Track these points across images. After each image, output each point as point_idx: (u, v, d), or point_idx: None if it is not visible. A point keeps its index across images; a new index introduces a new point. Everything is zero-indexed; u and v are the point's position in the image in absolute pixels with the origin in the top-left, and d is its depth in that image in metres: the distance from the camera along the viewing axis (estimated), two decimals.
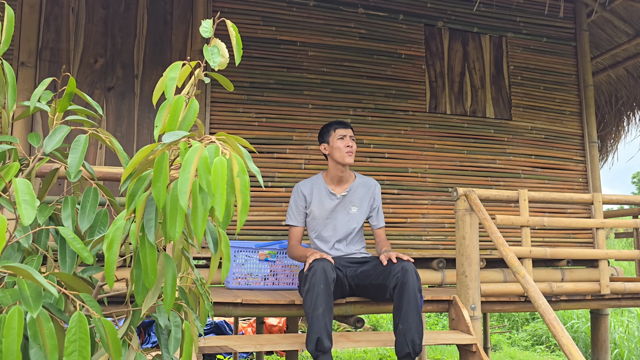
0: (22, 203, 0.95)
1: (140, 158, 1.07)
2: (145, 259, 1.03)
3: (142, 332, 5.22)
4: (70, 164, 1.16)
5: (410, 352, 2.22)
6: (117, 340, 0.98)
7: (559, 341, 2.12)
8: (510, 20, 4.43)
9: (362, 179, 2.91)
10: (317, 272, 2.27)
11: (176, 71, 1.20)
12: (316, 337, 2.16)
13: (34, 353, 0.90)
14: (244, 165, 1.01)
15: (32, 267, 1.11)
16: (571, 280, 3.84)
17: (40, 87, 1.32)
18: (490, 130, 4.22)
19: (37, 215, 1.20)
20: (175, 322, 1.20)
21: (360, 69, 3.98)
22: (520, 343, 6.94)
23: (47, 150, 1.19)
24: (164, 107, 1.16)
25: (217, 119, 3.60)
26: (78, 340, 0.90)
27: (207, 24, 1.21)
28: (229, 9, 3.75)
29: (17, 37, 3.39)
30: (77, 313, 0.91)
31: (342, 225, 2.79)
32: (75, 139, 1.21)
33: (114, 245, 1.03)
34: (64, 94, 1.33)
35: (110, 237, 1.03)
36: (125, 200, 1.07)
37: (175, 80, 1.18)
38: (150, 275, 1.02)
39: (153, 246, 1.03)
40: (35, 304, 0.88)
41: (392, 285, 2.37)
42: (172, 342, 1.18)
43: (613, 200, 3.24)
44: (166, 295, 1.07)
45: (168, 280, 1.07)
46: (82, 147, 1.18)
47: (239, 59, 1.24)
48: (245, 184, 1.00)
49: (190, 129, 1.11)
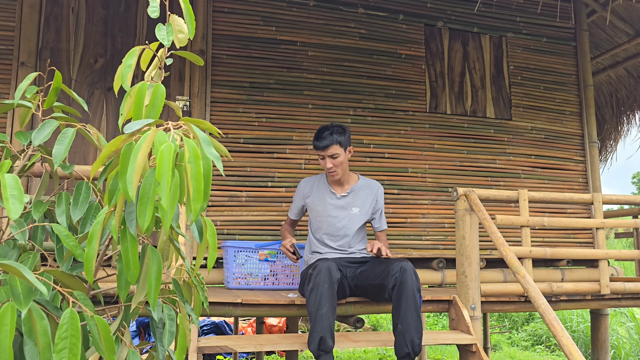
0: (9, 198, 0.94)
1: (109, 151, 1.05)
2: (126, 252, 1.01)
3: (142, 332, 5.22)
4: (55, 154, 1.14)
5: (409, 352, 2.22)
6: (110, 337, 0.97)
7: (559, 341, 2.12)
8: (510, 20, 4.43)
9: (365, 180, 2.90)
10: (322, 271, 2.27)
11: (133, 58, 1.16)
12: (319, 337, 2.15)
13: (28, 350, 0.90)
14: (197, 151, 0.97)
15: (27, 264, 1.11)
16: (571, 280, 3.84)
17: (25, 82, 1.29)
18: (490, 130, 4.21)
19: (32, 212, 1.20)
20: (169, 316, 1.19)
21: (360, 69, 3.98)
22: (520, 343, 6.94)
23: (35, 143, 1.17)
24: (128, 96, 1.13)
25: (217, 119, 3.60)
26: (69, 337, 0.88)
27: (155, 3, 1.16)
28: (229, 8, 3.75)
29: (17, 37, 3.39)
30: (69, 310, 0.90)
31: (342, 225, 2.78)
32: (62, 131, 1.19)
33: (94, 240, 1.01)
34: (50, 89, 1.32)
35: (90, 232, 1.02)
36: (106, 195, 1.05)
37: (131, 68, 1.15)
38: (133, 270, 1.00)
39: (134, 239, 1.01)
40: (26, 300, 0.87)
41: (390, 286, 2.37)
42: (166, 336, 1.17)
43: (613, 200, 3.24)
44: (150, 288, 1.04)
45: (152, 273, 1.05)
46: (69, 140, 1.16)
47: (193, 32, 1.19)
48: (197, 170, 0.96)
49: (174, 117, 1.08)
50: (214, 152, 0.99)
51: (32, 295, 0.89)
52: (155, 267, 1.05)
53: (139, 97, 1.09)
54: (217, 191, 3.53)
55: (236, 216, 3.55)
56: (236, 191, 3.57)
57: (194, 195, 0.96)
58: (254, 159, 3.64)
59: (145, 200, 0.96)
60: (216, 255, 1.14)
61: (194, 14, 1.21)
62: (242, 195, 3.58)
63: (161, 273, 1.06)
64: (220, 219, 3.51)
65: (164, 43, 1.14)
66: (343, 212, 2.80)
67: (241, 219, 3.56)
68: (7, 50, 3.38)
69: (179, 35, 1.19)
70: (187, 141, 0.97)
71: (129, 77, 1.14)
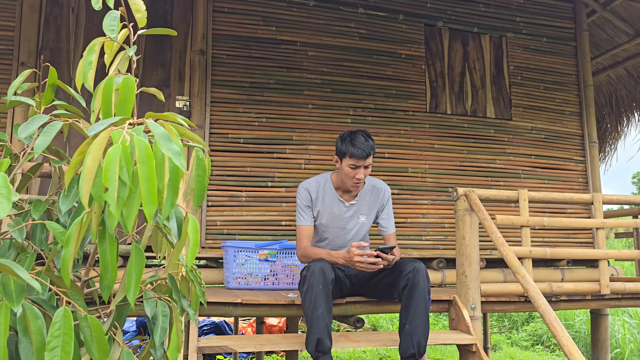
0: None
1: (80, 157, 1.01)
2: (104, 254, 0.98)
3: (142, 332, 5.22)
4: (37, 144, 1.08)
5: (415, 353, 2.22)
6: (103, 337, 0.96)
7: (559, 341, 2.12)
8: (510, 20, 4.43)
9: (371, 182, 2.71)
10: (315, 272, 2.25)
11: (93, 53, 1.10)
12: (316, 338, 2.15)
13: (23, 348, 0.89)
14: (149, 149, 0.91)
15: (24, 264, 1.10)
16: (571, 280, 3.84)
17: (19, 78, 1.26)
18: (491, 130, 4.21)
19: (32, 211, 1.19)
20: (163, 312, 1.17)
21: (360, 69, 3.98)
22: (520, 343, 6.94)
23: (21, 137, 1.12)
24: (97, 92, 1.07)
25: (217, 119, 3.60)
26: (62, 335, 0.88)
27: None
28: (229, 8, 3.75)
29: (17, 37, 3.39)
30: (63, 308, 0.89)
31: (351, 237, 2.66)
32: (50, 124, 1.14)
33: (70, 242, 0.98)
34: (47, 85, 1.29)
35: (67, 234, 0.99)
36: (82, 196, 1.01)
37: (91, 65, 1.09)
38: (111, 272, 0.97)
39: (113, 240, 0.99)
40: (18, 298, 0.87)
41: (402, 285, 2.34)
42: (158, 332, 1.15)
43: (613, 200, 3.23)
44: (129, 285, 1.00)
45: (133, 270, 1.01)
46: (54, 132, 1.11)
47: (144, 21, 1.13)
48: (149, 170, 0.90)
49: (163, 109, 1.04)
50: (174, 147, 0.92)
51: (24, 293, 0.88)
52: (137, 264, 1.02)
53: (107, 93, 1.03)
54: (217, 191, 3.53)
55: (236, 216, 3.55)
56: (236, 191, 3.57)
57: (148, 197, 0.90)
58: (254, 159, 3.64)
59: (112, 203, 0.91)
60: (197, 251, 1.09)
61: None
62: (242, 195, 3.58)
63: (142, 271, 1.03)
64: (220, 219, 3.51)
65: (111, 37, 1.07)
66: (351, 222, 2.66)
67: (241, 219, 3.56)
68: (7, 50, 3.38)
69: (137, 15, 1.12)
70: (137, 139, 0.91)
71: (90, 75, 1.08)
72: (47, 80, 1.29)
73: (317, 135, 3.80)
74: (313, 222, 2.65)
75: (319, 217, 2.65)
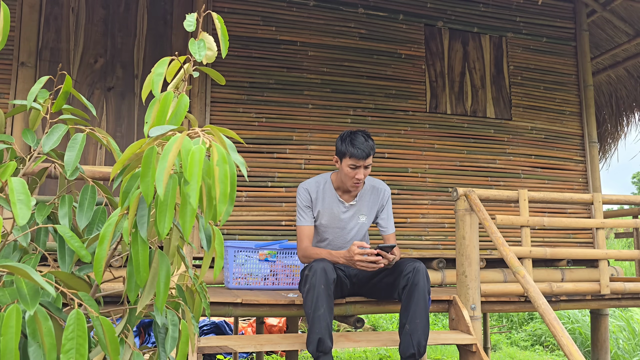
0: (17, 203, 0.94)
1: (130, 154, 1.06)
2: (137, 255, 1.01)
3: (142, 332, 5.22)
4: (66, 161, 1.15)
5: (415, 353, 2.22)
6: (115, 338, 0.97)
7: (559, 341, 2.12)
8: (510, 20, 4.43)
9: (370, 182, 2.71)
10: (317, 272, 2.25)
11: (163, 67, 1.18)
12: (318, 338, 2.15)
13: (32, 351, 0.90)
14: (224, 155, 0.99)
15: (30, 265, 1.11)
16: (571, 280, 3.84)
17: (37, 85, 1.30)
18: (490, 130, 4.21)
19: (35, 214, 1.19)
20: (172, 321, 1.19)
21: (360, 69, 3.98)
22: (520, 343, 6.94)
23: (45, 149, 1.18)
24: (154, 103, 1.15)
25: (217, 119, 3.60)
26: (76, 337, 0.89)
27: (192, 18, 1.20)
28: (229, 9, 3.75)
29: (17, 37, 3.39)
30: (75, 311, 0.90)
31: (351, 237, 2.67)
32: (72, 137, 1.20)
33: (105, 241, 1.02)
34: (60, 93, 1.32)
35: (101, 234, 1.02)
36: (120, 197, 1.06)
37: (162, 76, 1.17)
38: (142, 273, 1.01)
39: (145, 243, 1.02)
40: (33, 301, 0.88)
41: (402, 285, 2.34)
42: (168, 341, 1.17)
43: (613, 200, 3.23)
44: (159, 293, 1.05)
45: (161, 278, 1.06)
46: (79, 145, 1.17)
47: (226, 51, 1.23)
48: (224, 173, 0.97)
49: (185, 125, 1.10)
50: (239, 158, 1.01)
51: (39, 296, 0.89)
52: (164, 272, 1.06)
53: (164, 105, 1.10)
54: None
55: (236, 216, 3.55)
56: (236, 191, 3.57)
57: (221, 197, 0.98)
58: (254, 159, 3.64)
59: (165, 206, 0.96)
60: (222, 263, 1.15)
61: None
62: (242, 195, 3.58)
63: (169, 278, 1.07)
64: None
65: (197, 58, 1.17)
66: (351, 223, 2.66)
67: (241, 219, 3.56)
68: (7, 50, 3.38)
69: (207, 53, 1.22)
70: (215, 145, 0.99)
71: (159, 85, 1.16)
72: (60, 87, 1.32)
73: (317, 135, 3.80)
74: (313, 222, 2.65)
75: (319, 218, 2.64)
